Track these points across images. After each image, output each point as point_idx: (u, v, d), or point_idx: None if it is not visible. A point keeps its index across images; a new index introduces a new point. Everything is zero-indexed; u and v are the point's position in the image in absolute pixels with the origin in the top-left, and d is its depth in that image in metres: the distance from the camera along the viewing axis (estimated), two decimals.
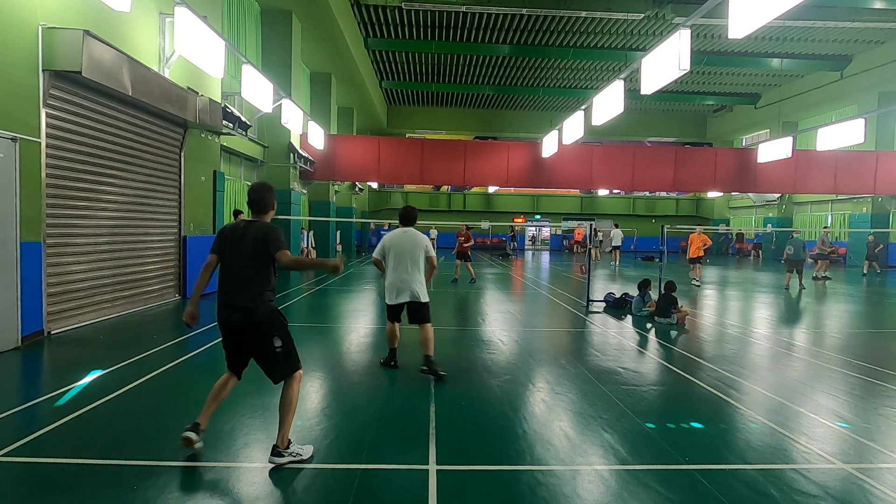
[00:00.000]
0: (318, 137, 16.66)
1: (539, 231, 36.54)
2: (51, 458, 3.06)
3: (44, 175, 5.97)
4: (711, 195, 32.08)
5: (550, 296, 11.37)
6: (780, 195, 25.71)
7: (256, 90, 10.87)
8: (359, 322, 7.69)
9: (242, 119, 11.89)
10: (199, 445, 3.10)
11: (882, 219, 21.01)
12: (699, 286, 13.10)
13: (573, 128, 14.44)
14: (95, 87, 6.58)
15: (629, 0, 15.57)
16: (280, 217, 12.92)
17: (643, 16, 15.87)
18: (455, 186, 32.37)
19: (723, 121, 29.33)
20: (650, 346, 6.67)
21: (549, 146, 17.56)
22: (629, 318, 8.41)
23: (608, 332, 7.30)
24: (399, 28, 18.03)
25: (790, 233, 14.13)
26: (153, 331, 6.74)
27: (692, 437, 3.59)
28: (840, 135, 15.44)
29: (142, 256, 8.13)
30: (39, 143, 5.87)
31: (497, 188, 29.53)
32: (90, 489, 2.75)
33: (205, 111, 8.92)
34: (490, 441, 3.48)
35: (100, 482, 2.82)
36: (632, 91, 17.30)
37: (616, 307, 9.20)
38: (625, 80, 10.22)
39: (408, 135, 29.76)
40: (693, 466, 3.14)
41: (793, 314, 9.54)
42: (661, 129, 30.31)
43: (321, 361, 5.40)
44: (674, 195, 34.12)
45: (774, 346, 6.65)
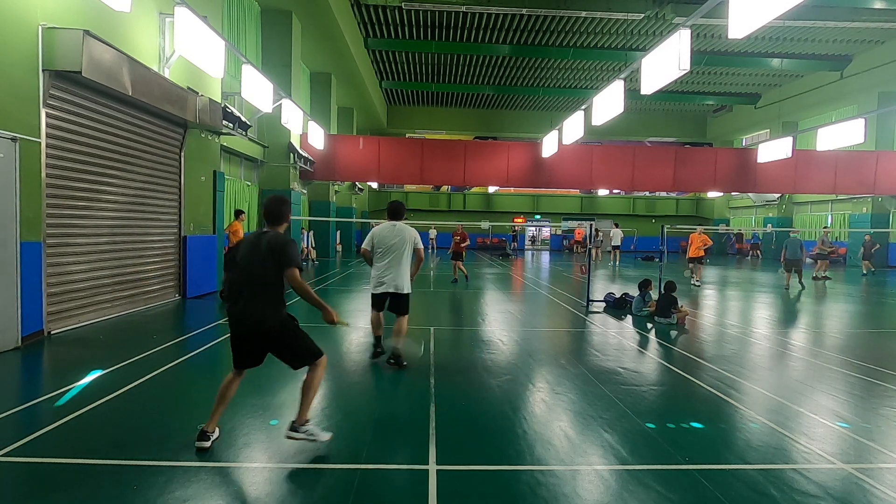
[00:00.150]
0: (318, 137, 16.67)
1: (539, 231, 36.54)
2: (51, 458, 3.06)
3: (44, 175, 5.97)
4: (711, 195, 32.08)
5: (550, 296, 11.37)
6: (780, 195, 25.72)
7: (256, 90, 10.88)
8: (359, 322, 7.68)
9: (242, 119, 11.89)
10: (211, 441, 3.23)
11: (882, 219, 21.02)
12: (699, 286, 13.10)
13: (573, 128, 14.43)
14: (95, 87, 6.58)
15: (629, 0, 15.58)
16: None
17: (643, 16, 15.88)
18: (455, 186, 32.38)
19: (723, 121, 29.32)
20: (650, 346, 6.67)
21: (549, 146, 17.56)
22: (629, 318, 8.41)
23: (608, 332, 7.29)
24: (399, 28, 18.04)
25: (789, 233, 14.13)
26: (153, 331, 6.73)
27: (692, 437, 3.59)
28: (840, 135, 15.44)
29: (142, 256, 8.12)
30: (39, 143, 5.87)
31: (497, 188, 29.54)
32: (90, 489, 2.75)
33: (205, 111, 8.92)
34: (490, 441, 3.48)
35: (100, 482, 2.82)
36: (632, 91, 17.30)
37: (616, 307, 9.20)
38: (625, 80, 10.22)
39: (408, 135, 29.76)
40: (693, 466, 3.14)
41: (793, 314, 9.53)
42: (661, 129, 30.31)
43: None
44: (674, 195, 34.13)
45: (774, 346, 6.64)
